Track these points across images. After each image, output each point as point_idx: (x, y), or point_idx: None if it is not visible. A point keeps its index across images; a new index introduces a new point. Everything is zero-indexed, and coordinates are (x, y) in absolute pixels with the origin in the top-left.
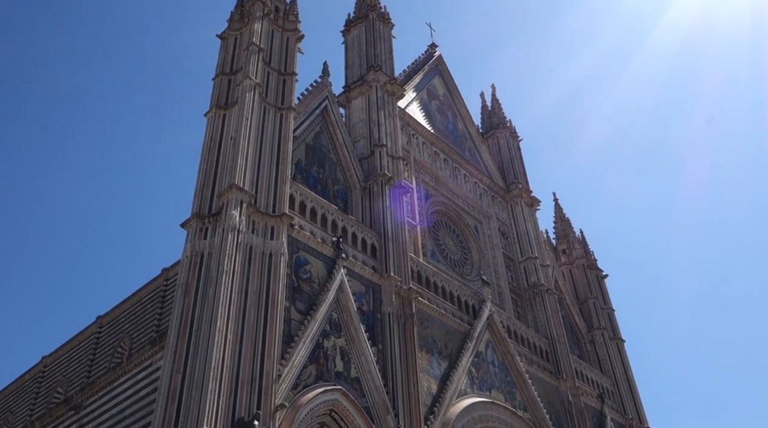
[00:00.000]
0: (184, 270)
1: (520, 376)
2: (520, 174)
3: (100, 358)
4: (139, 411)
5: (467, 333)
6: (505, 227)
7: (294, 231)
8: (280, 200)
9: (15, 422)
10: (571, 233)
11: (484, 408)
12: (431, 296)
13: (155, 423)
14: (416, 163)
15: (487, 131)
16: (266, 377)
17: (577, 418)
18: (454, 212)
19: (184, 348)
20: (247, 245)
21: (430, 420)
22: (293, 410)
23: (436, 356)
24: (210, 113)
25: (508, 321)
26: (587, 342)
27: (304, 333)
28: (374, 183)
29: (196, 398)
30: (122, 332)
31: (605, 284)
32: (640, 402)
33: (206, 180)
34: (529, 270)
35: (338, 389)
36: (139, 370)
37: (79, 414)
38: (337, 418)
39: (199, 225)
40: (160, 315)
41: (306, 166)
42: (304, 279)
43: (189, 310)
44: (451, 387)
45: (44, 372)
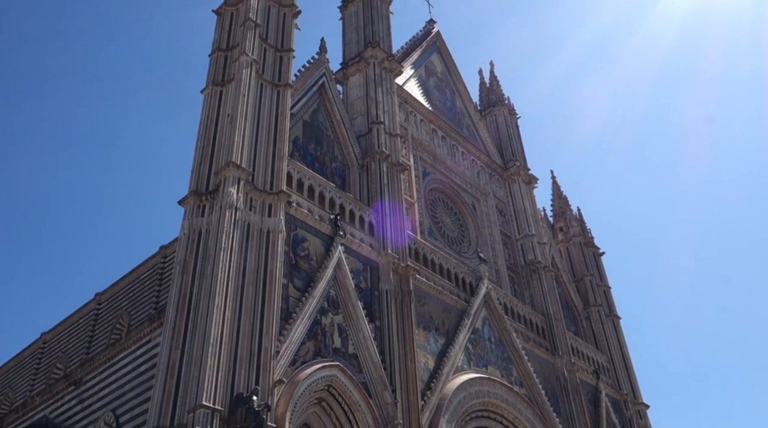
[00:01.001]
0: (182, 248)
1: (516, 352)
2: (518, 152)
3: (99, 334)
4: (138, 386)
5: (464, 310)
6: (503, 204)
7: (291, 209)
8: (277, 178)
9: (15, 397)
10: (569, 210)
11: (481, 384)
12: (428, 273)
13: (154, 398)
14: (414, 140)
15: (485, 108)
16: (264, 353)
17: (573, 394)
18: (451, 190)
19: (183, 324)
20: (244, 223)
21: (427, 395)
22: (291, 385)
23: (433, 332)
24: (206, 89)
25: (505, 298)
26: (583, 318)
27: (302, 310)
28: (372, 161)
29: (195, 374)
30: (121, 308)
31: (602, 261)
32: (634, 377)
33: (203, 157)
34: (526, 248)
35: (336, 365)
36: (138, 346)
37: (79, 389)
38: (335, 393)
39: (196, 203)
40: (158, 292)
41: (303, 143)
42: (302, 257)
43: (187, 287)
44: (448, 363)
45: (44, 348)
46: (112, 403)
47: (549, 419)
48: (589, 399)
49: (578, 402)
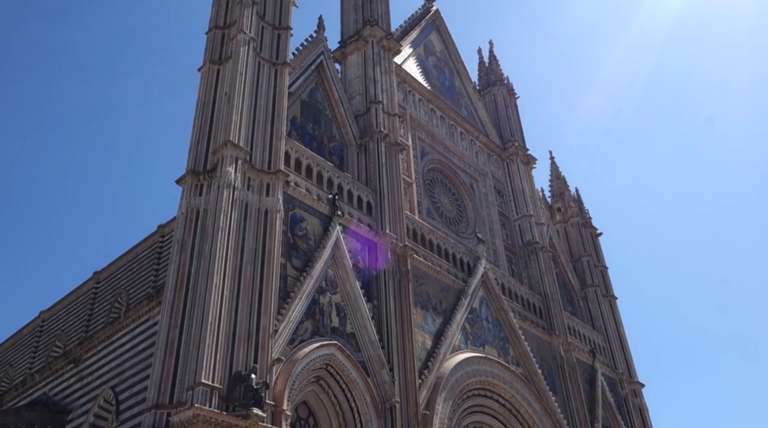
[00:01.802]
0: (180, 227)
1: (513, 332)
2: (517, 132)
3: (97, 313)
4: (137, 365)
5: (462, 290)
6: (501, 185)
7: (289, 188)
8: (275, 157)
9: (15, 375)
10: (567, 191)
11: (478, 363)
12: (426, 253)
13: (153, 376)
14: (412, 120)
15: (484, 88)
16: (263, 332)
17: (569, 373)
18: (449, 170)
19: (181, 303)
20: (242, 202)
21: (424, 374)
22: (290, 364)
23: (430, 312)
24: (203, 67)
25: (503, 278)
26: (580, 298)
27: (300, 289)
28: (370, 140)
29: (194, 352)
30: (119, 287)
31: (599, 242)
32: (630, 357)
33: (201, 136)
34: (524, 228)
35: (334, 344)
36: (136, 325)
37: (79, 367)
38: (333, 372)
39: (194, 181)
40: (156, 271)
41: (301, 122)
42: (300, 236)
43: (185, 266)
44: (446, 342)
45: (42, 326)
46: (112, 381)
47: (545, 397)
48: (585, 378)
49: (574, 381)
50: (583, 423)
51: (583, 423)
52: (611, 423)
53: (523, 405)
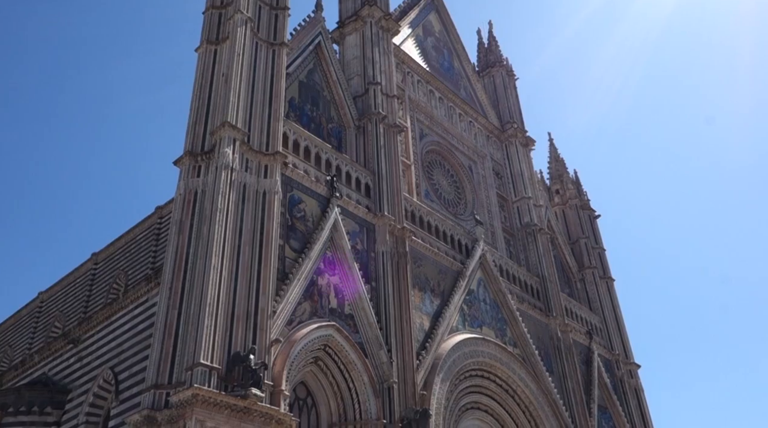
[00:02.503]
0: (178, 208)
1: (510, 313)
2: (516, 113)
3: (96, 294)
4: (136, 345)
5: (460, 272)
6: (500, 166)
7: (288, 170)
8: (273, 138)
9: (14, 355)
10: (565, 173)
11: (475, 344)
12: (425, 235)
13: (153, 357)
14: (411, 101)
15: (483, 69)
16: (261, 313)
17: (566, 354)
18: (448, 152)
19: (180, 284)
20: (240, 184)
21: (422, 355)
22: (288, 345)
23: (428, 293)
24: (201, 48)
25: (501, 260)
26: (577, 280)
27: (299, 271)
28: (368, 122)
29: (193, 333)
30: (117, 268)
31: (597, 224)
32: (627, 338)
33: (198, 117)
34: (523, 210)
35: (332, 325)
36: (135, 305)
37: (78, 347)
38: (331, 353)
39: (192, 163)
40: (155, 253)
41: (299, 104)
42: (298, 218)
43: (183, 247)
44: (443, 323)
45: (41, 307)
46: (111, 361)
47: (542, 378)
48: (582, 359)
49: (571, 362)
50: (579, 403)
51: (579, 403)
52: (607, 403)
53: (519, 386)
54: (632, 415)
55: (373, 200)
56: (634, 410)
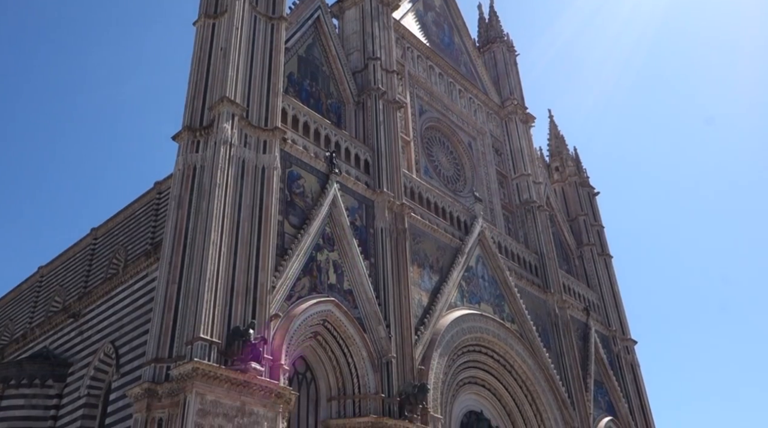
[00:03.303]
0: (177, 183)
1: (508, 290)
2: (516, 90)
3: (96, 269)
4: (137, 319)
5: (458, 248)
6: (499, 143)
7: (287, 145)
8: (272, 114)
9: (15, 329)
10: (565, 150)
11: (473, 320)
12: (424, 211)
13: (153, 331)
14: (410, 77)
15: (483, 45)
16: (260, 288)
17: (563, 330)
18: (448, 128)
19: (179, 259)
20: (239, 159)
21: (420, 330)
22: (287, 320)
23: (427, 270)
24: (198, 21)
25: (499, 237)
26: (576, 257)
27: (298, 246)
28: (368, 97)
29: (192, 307)
30: (117, 243)
31: (596, 201)
32: (624, 314)
33: (197, 92)
34: (522, 187)
35: (331, 300)
36: (135, 280)
37: (78, 321)
38: (330, 328)
39: (190, 138)
40: (154, 228)
41: (298, 79)
42: (297, 194)
43: (183, 223)
44: (442, 299)
45: (41, 281)
46: (112, 335)
47: (539, 353)
48: (579, 335)
49: (568, 338)
50: (576, 378)
51: (575, 378)
52: (603, 379)
53: (517, 361)
54: (628, 390)
55: (372, 177)
56: (629, 385)
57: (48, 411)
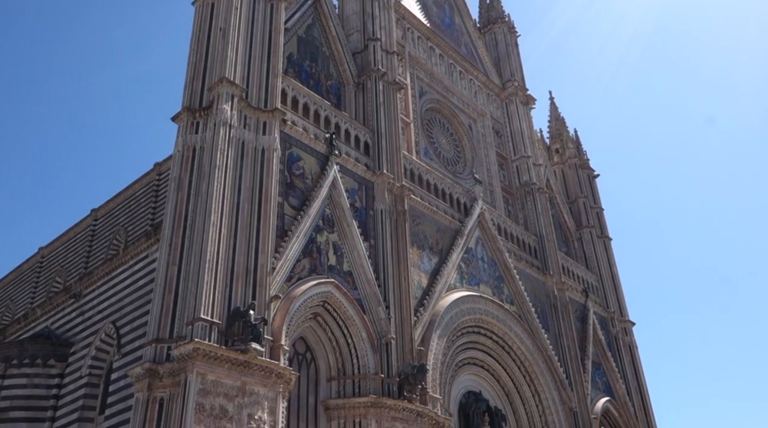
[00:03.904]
0: (177, 165)
1: (508, 271)
2: (517, 71)
3: (96, 249)
4: (137, 300)
5: (458, 230)
6: (499, 125)
7: (286, 127)
8: (272, 95)
9: (16, 309)
10: (565, 132)
11: (473, 301)
12: (423, 193)
13: (153, 312)
14: (411, 58)
15: (484, 25)
16: (260, 269)
17: (562, 311)
18: (448, 110)
19: (179, 241)
20: (239, 140)
21: (419, 311)
22: (287, 301)
23: (427, 251)
24: (198, 1)
25: (499, 219)
26: (575, 239)
27: (298, 228)
28: (368, 79)
29: (193, 289)
30: (117, 224)
31: (596, 183)
32: (622, 296)
33: (196, 73)
34: (522, 169)
35: (331, 281)
36: (135, 261)
37: (79, 302)
38: (330, 309)
39: (190, 119)
40: (154, 209)
41: (298, 60)
42: (297, 175)
43: (183, 204)
44: (441, 281)
45: (42, 262)
46: (112, 315)
47: (538, 335)
48: (578, 317)
49: (566, 319)
50: (574, 359)
51: (573, 359)
52: (601, 360)
53: (515, 342)
54: (625, 371)
55: (372, 158)
56: (627, 366)
57: (50, 390)
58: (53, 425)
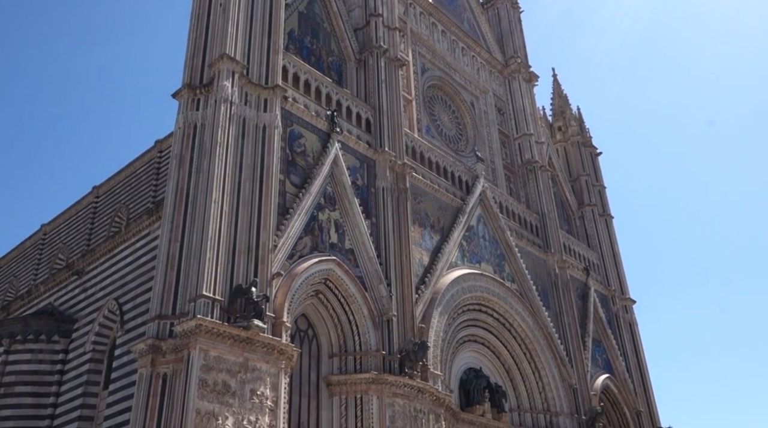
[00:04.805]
0: (178, 142)
1: (509, 249)
2: (520, 48)
3: (98, 227)
4: (140, 277)
5: (460, 208)
6: (502, 102)
7: (287, 104)
8: (272, 71)
9: (20, 285)
10: (568, 110)
11: (474, 279)
12: (425, 171)
13: (156, 289)
14: (413, 34)
15: (487, 1)
16: (262, 247)
17: (563, 289)
18: (450, 87)
19: (181, 218)
20: (240, 117)
21: (421, 289)
22: (289, 278)
23: (428, 229)
24: None
25: (501, 197)
26: (577, 217)
27: (299, 206)
28: (369, 55)
29: (195, 266)
30: (119, 202)
31: (599, 161)
32: (623, 274)
33: (196, 49)
34: (524, 147)
35: (333, 259)
36: (137, 238)
37: (82, 278)
38: (331, 286)
39: (190, 96)
40: (155, 186)
41: (299, 36)
42: (299, 153)
43: (184, 181)
44: (443, 259)
45: (44, 239)
46: (115, 292)
47: (538, 312)
48: (578, 295)
49: (567, 297)
50: (574, 336)
51: (574, 337)
52: (601, 337)
53: (516, 320)
54: (625, 348)
55: (374, 136)
56: (627, 343)
57: (54, 365)
58: (58, 400)
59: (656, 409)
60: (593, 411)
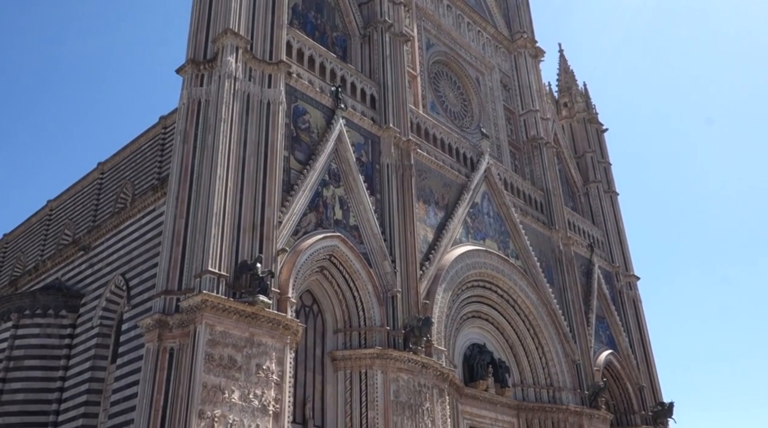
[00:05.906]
0: (182, 117)
1: (513, 226)
2: (526, 23)
3: (104, 203)
4: (146, 253)
5: (464, 185)
6: (507, 78)
7: (292, 80)
8: (276, 47)
9: (27, 261)
10: (574, 86)
11: (478, 256)
12: (430, 148)
13: (162, 264)
14: (418, 9)
15: None
16: (267, 223)
17: (567, 266)
18: (455, 63)
19: (186, 194)
20: (244, 93)
21: (425, 265)
22: (294, 254)
23: (433, 206)
24: None
25: (505, 174)
26: (582, 194)
27: (304, 182)
28: (374, 30)
29: (200, 242)
30: (124, 178)
31: (604, 138)
32: (628, 251)
33: (200, 24)
34: (529, 123)
35: (337, 235)
36: (143, 214)
37: (89, 254)
38: (336, 263)
39: (194, 71)
40: (160, 163)
41: (303, 11)
42: (303, 129)
43: (189, 157)
44: (447, 235)
45: (51, 215)
46: (121, 268)
47: (542, 289)
48: (583, 271)
49: (571, 274)
50: (578, 313)
51: (577, 313)
52: (605, 313)
53: (520, 296)
54: (629, 325)
55: (379, 112)
56: (631, 320)
57: (62, 340)
58: (66, 373)
59: (659, 384)
60: (596, 387)
